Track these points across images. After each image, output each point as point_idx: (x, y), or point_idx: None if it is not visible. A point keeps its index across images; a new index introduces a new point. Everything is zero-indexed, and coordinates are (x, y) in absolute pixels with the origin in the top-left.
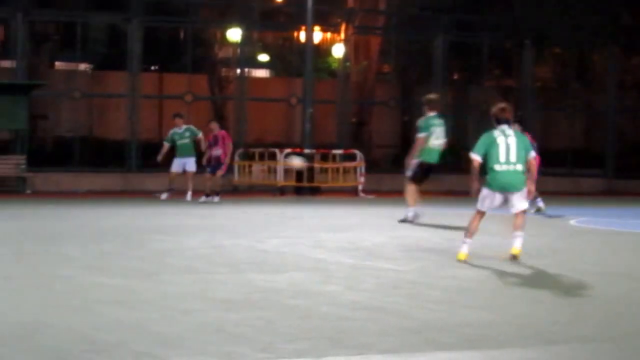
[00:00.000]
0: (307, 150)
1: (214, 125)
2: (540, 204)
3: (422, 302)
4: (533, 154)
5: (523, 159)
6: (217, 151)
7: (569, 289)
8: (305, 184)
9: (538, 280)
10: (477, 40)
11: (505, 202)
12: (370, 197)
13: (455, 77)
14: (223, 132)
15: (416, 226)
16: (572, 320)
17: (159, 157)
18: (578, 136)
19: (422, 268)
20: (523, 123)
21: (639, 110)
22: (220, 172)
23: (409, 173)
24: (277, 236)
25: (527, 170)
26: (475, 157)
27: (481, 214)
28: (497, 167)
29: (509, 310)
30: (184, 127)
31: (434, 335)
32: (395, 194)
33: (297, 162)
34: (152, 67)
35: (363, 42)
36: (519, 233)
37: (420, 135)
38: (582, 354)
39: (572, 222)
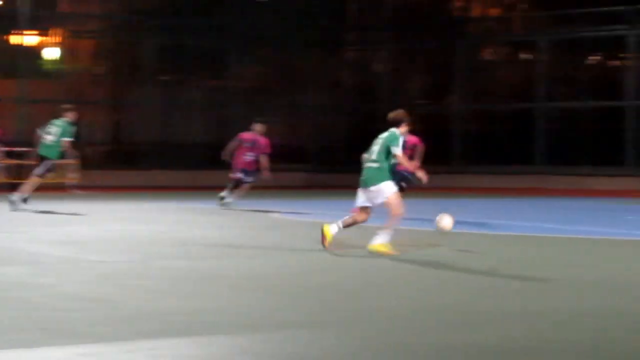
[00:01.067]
0: (19, 149)
1: None
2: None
3: (133, 292)
4: (396, 149)
5: (381, 156)
6: None
7: (283, 278)
8: (20, 180)
9: (253, 270)
10: (184, 42)
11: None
12: (83, 192)
13: (165, 77)
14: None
15: (128, 220)
16: (285, 307)
17: None
18: (283, 134)
19: (134, 260)
20: None
21: (337, 108)
22: None
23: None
24: None
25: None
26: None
27: (361, 209)
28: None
29: (219, 298)
30: None
31: (143, 323)
32: (108, 190)
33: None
34: None
35: (77, 44)
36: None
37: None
38: (289, 341)
39: (276, 215)
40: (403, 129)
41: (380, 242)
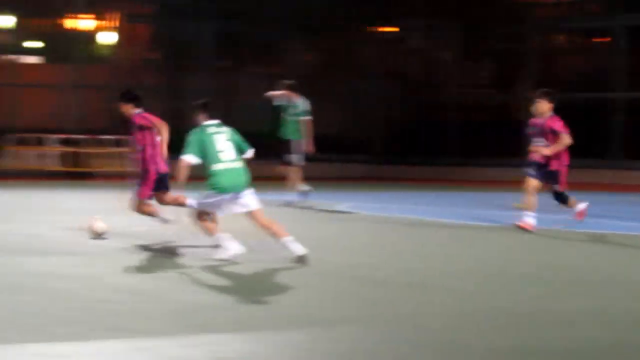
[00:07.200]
0: (75, 136)
1: None
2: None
3: (191, 285)
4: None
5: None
6: None
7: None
8: (77, 169)
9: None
10: (244, 29)
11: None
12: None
13: (223, 64)
14: None
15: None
16: (335, 303)
17: None
18: (345, 123)
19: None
20: None
21: (401, 98)
22: None
23: None
24: (44, 220)
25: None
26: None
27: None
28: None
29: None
30: None
31: (192, 317)
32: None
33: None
34: None
35: (133, 29)
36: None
37: None
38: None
39: (342, 207)
40: None
41: None
